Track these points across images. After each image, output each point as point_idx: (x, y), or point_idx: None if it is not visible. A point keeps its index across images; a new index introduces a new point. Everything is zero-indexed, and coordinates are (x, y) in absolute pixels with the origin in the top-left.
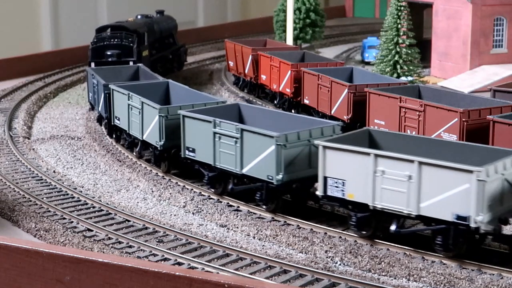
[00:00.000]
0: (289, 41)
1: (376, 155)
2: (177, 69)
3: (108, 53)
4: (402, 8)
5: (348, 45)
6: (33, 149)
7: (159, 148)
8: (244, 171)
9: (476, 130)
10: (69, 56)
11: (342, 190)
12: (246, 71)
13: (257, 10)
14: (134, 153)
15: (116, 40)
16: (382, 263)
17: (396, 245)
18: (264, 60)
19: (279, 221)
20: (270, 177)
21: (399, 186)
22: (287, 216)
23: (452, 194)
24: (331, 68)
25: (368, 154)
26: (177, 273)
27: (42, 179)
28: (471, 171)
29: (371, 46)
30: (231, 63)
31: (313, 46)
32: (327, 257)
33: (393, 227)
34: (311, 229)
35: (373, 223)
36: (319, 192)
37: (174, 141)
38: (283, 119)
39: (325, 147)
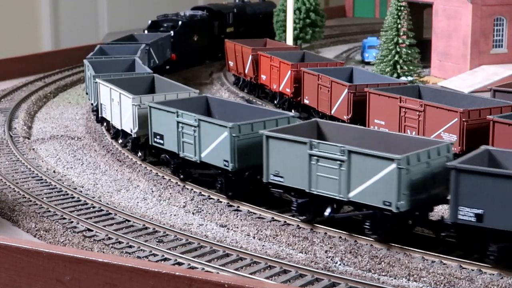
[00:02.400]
0: (289, 41)
1: (111, 88)
2: None
3: (164, 25)
4: (402, 8)
5: (348, 45)
6: (33, 149)
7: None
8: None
9: (476, 130)
10: (69, 56)
11: (105, 113)
12: (246, 71)
13: None
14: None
15: (174, 16)
16: (382, 263)
17: (396, 245)
18: (264, 60)
19: (279, 221)
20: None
21: (115, 109)
22: (287, 216)
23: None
24: (331, 68)
25: (108, 87)
26: (177, 273)
27: (42, 179)
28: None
29: (371, 46)
30: (231, 63)
31: (313, 46)
32: (327, 257)
33: (122, 140)
34: (311, 229)
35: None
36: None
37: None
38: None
39: None
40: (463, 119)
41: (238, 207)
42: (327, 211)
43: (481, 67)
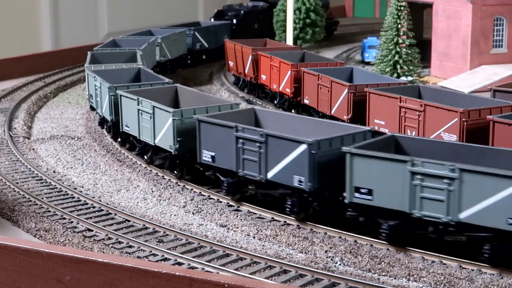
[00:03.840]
0: (289, 41)
1: (89, 74)
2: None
3: (229, 14)
4: (402, 8)
5: (348, 45)
6: (33, 149)
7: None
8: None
9: (476, 130)
10: (69, 56)
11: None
12: (246, 71)
13: None
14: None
15: (237, 6)
16: (382, 263)
17: (396, 245)
18: (264, 60)
19: (279, 221)
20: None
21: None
22: (286, 216)
23: None
24: (331, 68)
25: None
26: (177, 273)
27: (42, 179)
28: None
29: (371, 46)
30: (231, 63)
31: (313, 46)
32: (327, 257)
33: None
34: (311, 229)
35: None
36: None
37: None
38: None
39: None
40: (463, 119)
41: (238, 207)
42: (148, 155)
43: (481, 67)
